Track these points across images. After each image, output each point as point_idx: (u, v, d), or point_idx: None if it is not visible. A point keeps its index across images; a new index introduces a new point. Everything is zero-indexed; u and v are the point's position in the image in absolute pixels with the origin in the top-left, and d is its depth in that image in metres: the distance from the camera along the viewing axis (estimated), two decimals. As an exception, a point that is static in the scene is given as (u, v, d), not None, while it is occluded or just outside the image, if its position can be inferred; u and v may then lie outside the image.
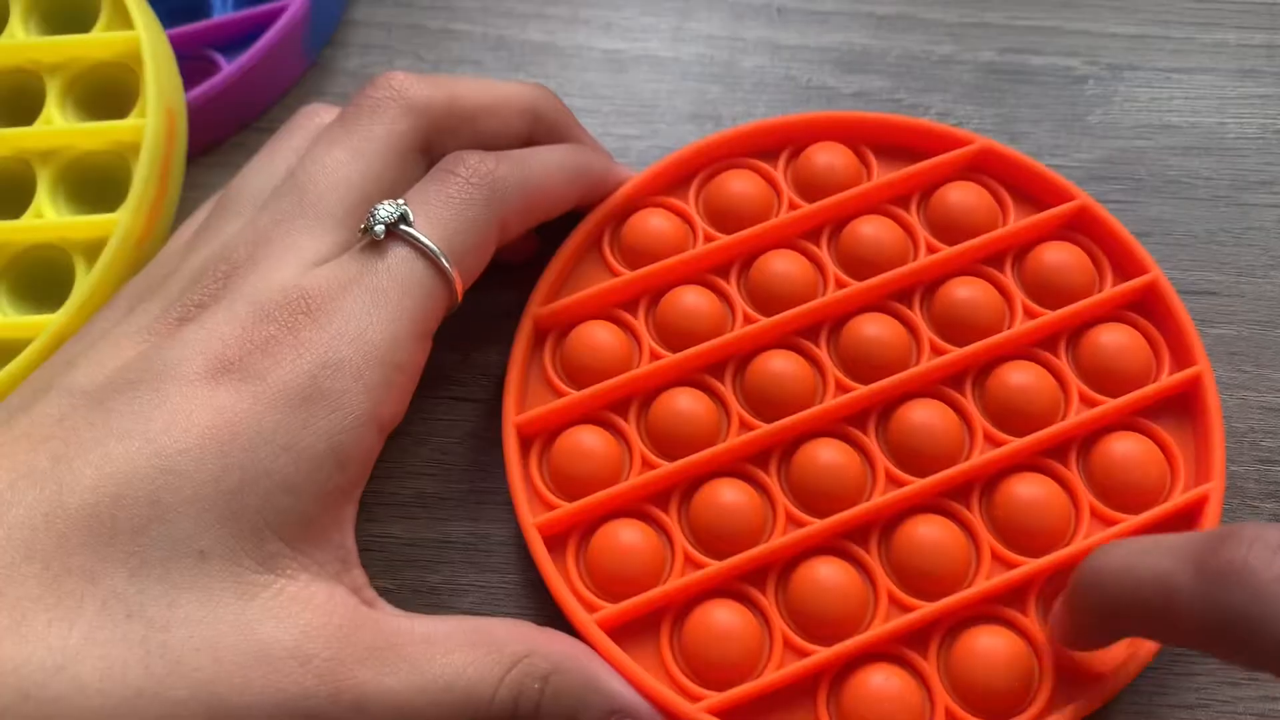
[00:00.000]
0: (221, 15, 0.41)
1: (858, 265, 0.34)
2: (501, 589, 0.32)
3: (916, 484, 0.31)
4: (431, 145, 0.31)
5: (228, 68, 0.39)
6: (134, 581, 0.24)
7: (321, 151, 0.30)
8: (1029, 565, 0.29)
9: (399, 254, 0.28)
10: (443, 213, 0.29)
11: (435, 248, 0.28)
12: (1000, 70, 0.41)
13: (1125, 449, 0.31)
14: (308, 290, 0.27)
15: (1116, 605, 0.24)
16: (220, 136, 0.41)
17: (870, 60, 0.41)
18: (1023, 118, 0.40)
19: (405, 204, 0.29)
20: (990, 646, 0.29)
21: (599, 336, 0.33)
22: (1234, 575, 0.21)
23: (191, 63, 0.40)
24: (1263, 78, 0.40)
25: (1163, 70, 0.41)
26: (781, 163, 0.37)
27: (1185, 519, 0.30)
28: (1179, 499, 0.30)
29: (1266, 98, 0.40)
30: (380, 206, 0.28)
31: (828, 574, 0.30)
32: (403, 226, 0.28)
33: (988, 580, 0.29)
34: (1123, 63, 0.41)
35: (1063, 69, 0.41)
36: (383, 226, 0.28)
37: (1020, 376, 0.32)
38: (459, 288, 0.29)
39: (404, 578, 0.32)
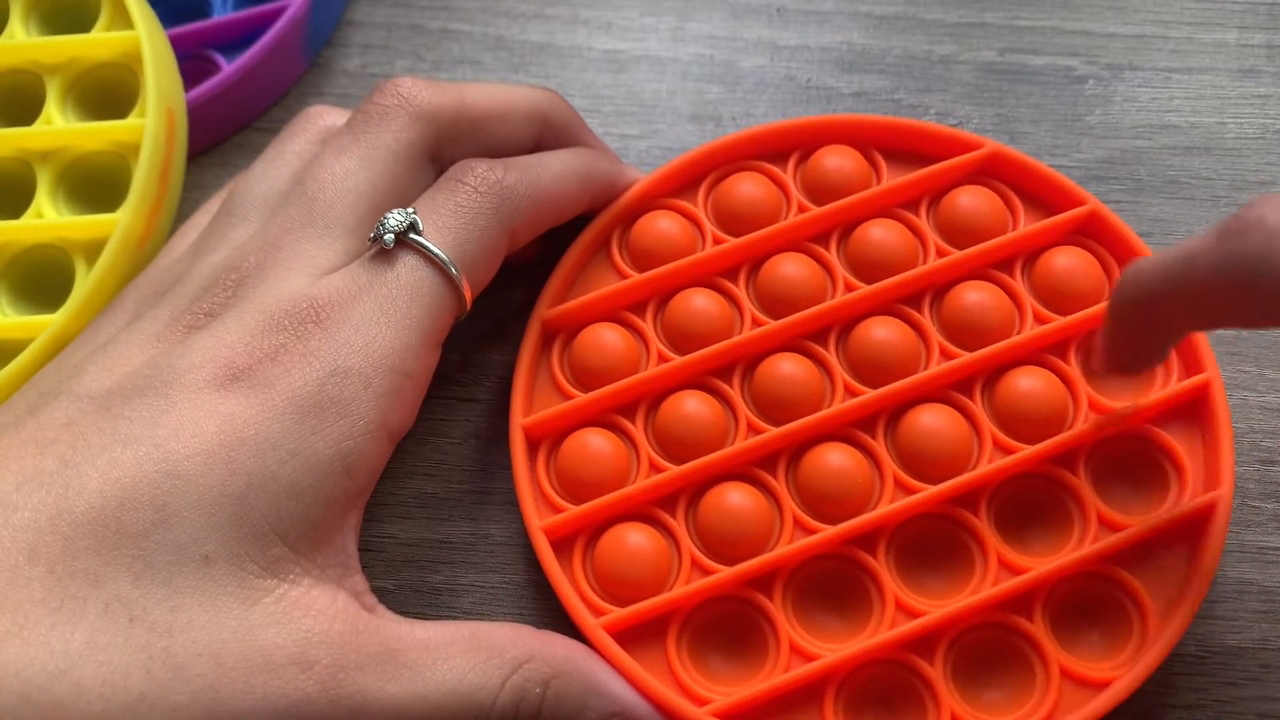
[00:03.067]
0: (221, 15, 0.41)
1: (867, 269, 0.34)
2: (502, 589, 0.32)
3: (925, 492, 0.30)
4: (440, 152, 0.31)
5: (228, 68, 0.39)
6: (138, 585, 0.24)
7: (330, 159, 0.30)
8: (1036, 571, 0.29)
9: (408, 263, 0.28)
10: (452, 221, 0.29)
11: (444, 256, 0.28)
12: (1000, 70, 0.41)
13: (1134, 455, 0.31)
14: (317, 299, 0.27)
15: (1147, 290, 0.26)
16: (220, 136, 0.40)
17: (870, 60, 0.41)
18: (1022, 118, 0.40)
19: (414, 212, 0.29)
20: (996, 652, 0.29)
21: (607, 339, 0.33)
22: (1250, 227, 0.23)
23: (191, 63, 0.40)
24: (1263, 78, 0.40)
25: (1163, 70, 0.41)
26: (790, 166, 0.36)
27: (1193, 525, 0.30)
28: (1187, 505, 0.30)
29: (1266, 98, 0.40)
30: (389, 215, 0.28)
31: (835, 580, 0.30)
32: (412, 235, 0.28)
33: (994, 586, 0.29)
34: (1123, 63, 0.41)
35: (1062, 69, 0.41)
36: (392, 235, 0.28)
37: (1030, 382, 0.32)
38: (468, 296, 0.29)
39: (404, 578, 0.32)
